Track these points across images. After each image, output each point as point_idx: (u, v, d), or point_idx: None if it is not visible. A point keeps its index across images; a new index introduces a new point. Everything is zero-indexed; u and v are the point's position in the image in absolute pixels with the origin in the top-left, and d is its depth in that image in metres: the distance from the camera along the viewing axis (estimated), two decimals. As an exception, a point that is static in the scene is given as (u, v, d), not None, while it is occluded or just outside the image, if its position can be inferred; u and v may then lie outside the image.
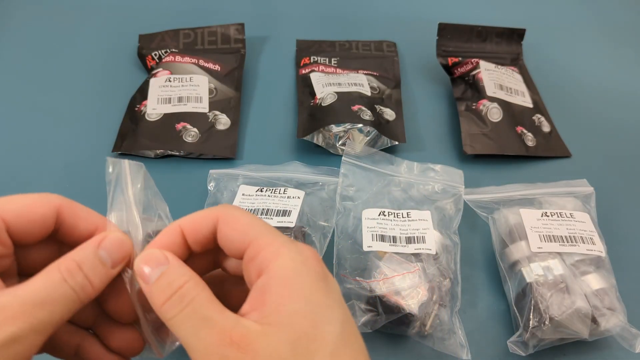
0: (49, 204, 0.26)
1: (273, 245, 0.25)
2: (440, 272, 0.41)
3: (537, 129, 0.58)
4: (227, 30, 0.65)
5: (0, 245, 0.25)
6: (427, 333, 0.39)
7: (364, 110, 0.54)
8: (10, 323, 0.22)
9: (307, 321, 0.23)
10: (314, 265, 0.25)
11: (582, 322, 0.38)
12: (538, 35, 0.70)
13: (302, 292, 0.24)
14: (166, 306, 0.24)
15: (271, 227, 0.26)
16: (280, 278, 0.24)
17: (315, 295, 0.24)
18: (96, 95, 0.59)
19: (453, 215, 0.46)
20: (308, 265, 0.24)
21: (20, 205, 0.25)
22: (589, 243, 0.43)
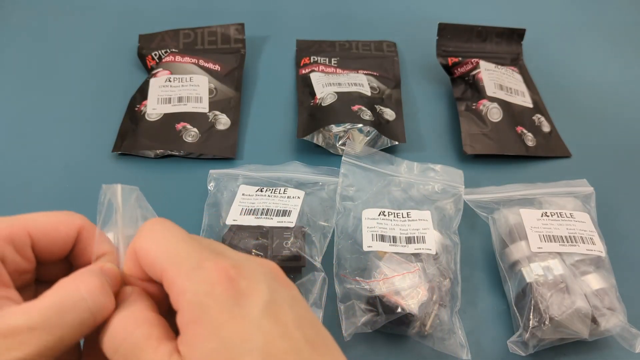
0: (73, 224, 0.25)
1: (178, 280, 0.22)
2: (440, 272, 0.41)
3: (537, 129, 0.58)
4: (227, 30, 0.65)
5: (25, 261, 0.24)
6: (427, 333, 0.39)
7: (364, 110, 0.54)
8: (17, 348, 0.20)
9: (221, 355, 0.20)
10: (221, 290, 0.21)
11: (582, 322, 0.38)
12: (538, 35, 0.70)
13: (211, 329, 0.21)
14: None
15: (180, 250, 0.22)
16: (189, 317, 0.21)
17: (226, 328, 0.21)
18: (96, 95, 0.59)
19: (453, 215, 0.46)
20: (214, 292, 0.21)
21: (46, 222, 0.24)
22: (589, 243, 0.43)
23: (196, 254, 0.22)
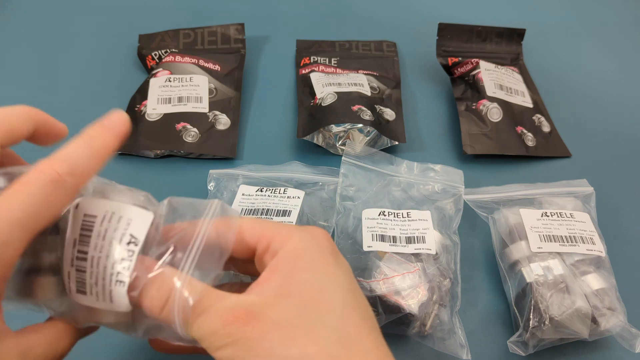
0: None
1: (282, 233, 0.27)
2: (440, 272, 0.41)
3: (537, 129, 0.58)
4: (227, 30, 0.65)
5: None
6: (427, 333, 0.39)
7: (364, 110, 0.54)
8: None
9: (314, 288, 0.25)
10: (322, 241, 0.27)
11: (582, 322, 0.38)
12: (538, 35, 0.70)
13: (309, 264, 0.25)
14: (164, 314, 0.24)
15: (275, 222, 0.28)
16: (289, 255, 0.26)
17: (322, 265, 0.26)
18: (96, 95, 0.59)
19: (453, 215, 0.46)
20: (316, 241, 0.26)
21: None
22: (589, 243, 0.43)
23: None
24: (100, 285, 0.25)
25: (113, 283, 0.25)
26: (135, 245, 0.25)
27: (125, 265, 0.25)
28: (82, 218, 0.26)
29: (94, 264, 0.25)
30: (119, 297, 0.25)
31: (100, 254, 0.25)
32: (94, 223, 0.26)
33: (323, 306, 0.24)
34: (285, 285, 0.25)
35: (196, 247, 0.26)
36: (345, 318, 0.24)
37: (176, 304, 0.24)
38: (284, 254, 0.26)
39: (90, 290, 0.25)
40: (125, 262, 0.25)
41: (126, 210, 0.26)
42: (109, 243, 0.25)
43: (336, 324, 0.24)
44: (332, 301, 0.25)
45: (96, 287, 0.25)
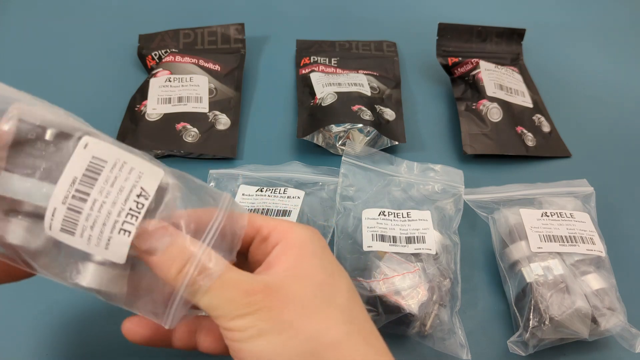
0: None
1: (283, 225, 0.29)
2: (440, 272, 0.41)
3: (537, 129, 0.58)
4: (227, 30, 0.65)
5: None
6: (427, 333, 0.39)
7: (364, 110, 0.54)
8: None
9: (325, 272, 0.27)
10: (321, 237, 0.29)
11: (582, 322, 0.38)
12: (538, 35, 0.70)
13: (317, 252, 0.28)
14: (182, 277, 0.25)
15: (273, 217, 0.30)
16: (295, 244, 0.28)
17: (327, 255, 0.28)
18: (96, 95, 0.59)
19: (453, 215, 0.46)
20: (317, 236, 0.29)
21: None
22: (589, 243, 0.43)
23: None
24: (98, 230, 0.25)
25: (116, 231, 0.25)
26: (145, 199, 0.25)
27: (133, 216, 0.25)
28: (89, 159, 0.25)
29: (95, 207, 0.24)
30: (118, 246, 0.25)
31: (105, 199, 0.25)
32: (103, 168, 0.25)
33: (333, 288, 0.27)
34: (296, 268, 0.27)
35: (214, 229, 0.26)
36: (351, 300, 0.27)
37: (196, 269, 0.25)
38: (289, 243, 0.28)
39: (81, 233, 0.25)
40: (134, 214, 0.25)
41: (138, 163, 0.26)
42: (118, 191, 0.25)
43: (345, 305, 0.27)
44: (340, 285, 0.27)
45: (91, 230, 0.25)
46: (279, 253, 0.28)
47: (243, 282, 0.25)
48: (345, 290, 0.27)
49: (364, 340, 0.26)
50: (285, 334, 0.25)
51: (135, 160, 0.26)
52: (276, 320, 0.25)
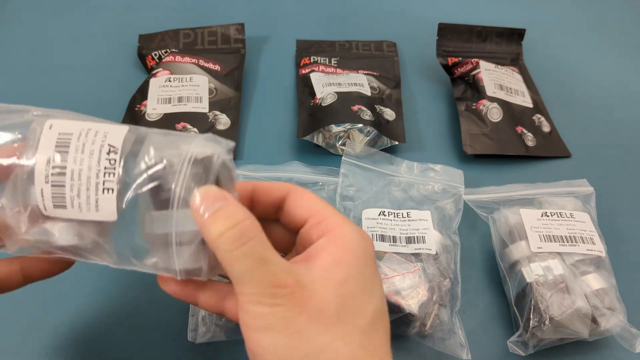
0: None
1: (337, 218, 0.28)
2: (440, 272, 0.41)
3: (537, 129, 0.58)
4: (227, 30, 0.65)
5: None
6: (427, 333, 0.39)
7: (364, 110, 0.54)
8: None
9: (358, 287, 0.26)
10: (370, 244, 0.28)
11: (582, 322, 0.38)
12: (538, 35, 0.70)
13: (358, 262, 0.26)
14: (224, 238, 0.24)
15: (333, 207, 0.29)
16: (342, 242, 0.27)
17: (368, 267, 0.27)
18: (96, 95, 0.59)
19: (453, 215, 0.46)
20: (367, 242, 0.28)
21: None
22: (589, 243, 0.43)
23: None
24: (84, 196, 0.26)
25: (100, 192, 0.26)
26: (115, 154, 0.26)
27: (110, 174, 0.26)
28: (56, 136, 0.26)
29: (75, 176, 0.26)
30: (106, 205, 0.26)
31: (81, 166, 0.26)
32: (70, 139, 0.26)
33: (360, 307, 0.25)
34: (333, 270, 0.26)
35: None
36: (374, 325, 0.26)
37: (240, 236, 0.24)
38: (336, 240, 0.27)
39: (72, 203, 0.26)
40: (109, 171, 0.26)
41: (101, 127, 0.27)
42: (89, 155, 0.26)
43: (366, 327, 0.25)
44: (368, 305, 0.26)
45: (78, 198, 0.26)
46: (322, 247, 0.27)
47: (276, 271, 0.25)
48: (370, 311, 0.26)
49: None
50: (292, 339, 0.24)
51: (98, 125, 0.27)
52: (289, 322, 0.24)
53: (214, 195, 0.25)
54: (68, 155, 0.26)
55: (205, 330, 0.39)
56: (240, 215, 0.25)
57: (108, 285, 0.43)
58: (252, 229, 0.25)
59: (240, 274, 0.25)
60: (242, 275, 0.25)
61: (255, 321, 0.25)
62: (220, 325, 0.39)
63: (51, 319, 0.41)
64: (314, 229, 0.28)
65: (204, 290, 0.30)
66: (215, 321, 0.39)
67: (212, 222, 0.25)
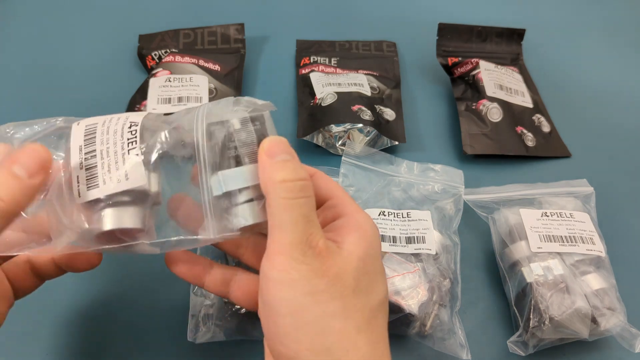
0: None
1: (354, 205, 0.30)
2: (440, 272, 0.41)
3: (537, 129, 0.58)
4: (227, 30, 0.65)
5: None
6: (427, 333, 0.39)
7: (364, 110, 0.54)
8: None
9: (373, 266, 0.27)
10: (378, 234, 0.29)
11: (582, 322, 0.38)
12: (538, 35, 0.70)
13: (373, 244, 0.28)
14: (287, 185, 0.26)
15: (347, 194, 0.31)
16: (360, 225, 0.28)
17: (379, 253, 0.28)
18: (96, 95, 0.59)
19: (453, 215, 0.46)
20: (377, 231, 0.29)
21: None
22: (589, 243, 0.43)
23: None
24: (115, 170, 0.28)
25: (128, 161, 0.27)
26: (135, 126, 0.28)
27: (132, 142, 0.28)
28: (84, 128, 0.28)
29: (104, 155, 0.28)
30: (135, 172, 0.27)
31: (108, 145, 0.28)
32: (96, 127, 0.28)
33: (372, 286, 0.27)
34: (356, 245, 0.27)
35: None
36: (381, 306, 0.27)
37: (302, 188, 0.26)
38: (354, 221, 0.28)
39: (104, 180, 0.27)
40: (132, 139, 0.28)
41: (123, 114, 0.29)
42: (114, 133, 0.28)
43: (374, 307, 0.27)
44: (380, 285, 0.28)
45: (109, 174, 0.27)
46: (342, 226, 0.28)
47: (315, 232, 0.26)
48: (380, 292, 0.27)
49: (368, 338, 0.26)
50: (308, 299, 0.25)
51: (119, 114, 0.30)
52: (309, 282, 0.25)
53: (285, 146, 0.27)
54: (96, 139, 0.28)
55: (205, 330, 0.39)
56: (304, 173, 0.27)
57: (108, 285, 0.43)
58: (310, 190, 0.27)
59: (286, 223, 0.26)
60: (287, 224, 0.26)
61: (279, 274, 0.25)
62: (220, 325, 0.39)
63: (51, 319, 0.41)
64: (330, 210, 0.30)
65: (210, 272, 0.31)
66: (215, 321, 0.39)
67: (280, 169, 0.26)
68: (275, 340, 0.26)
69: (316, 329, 0.25)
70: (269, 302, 0.26)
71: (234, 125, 0.28)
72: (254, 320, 0.40)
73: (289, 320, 0.25)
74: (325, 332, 0.25)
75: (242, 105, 0.29)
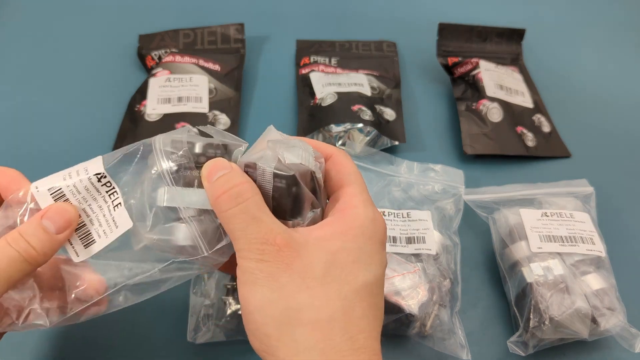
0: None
1: (357, 198, 0.29)
2: (440, 272, 0.41)
3: (537, 129, 0.58)
4: (227, 30, 0.65)
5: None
6: (427, 333, 0.39)
7: (364, 110, 0.54)
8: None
9: (350, 257, 0.27)
10: (381, 227, 0.29)
11: (582, 322, 0.38)
12: (538, 35, 0.70)
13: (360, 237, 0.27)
14: (221, 199, 0.27)
15: (363, 182, 0.30)
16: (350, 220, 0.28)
17: (371, 245, 0.28)
18: (96, 95, 0.59)
19: (453, 215, 0.46)
20: (376, 224, 0.28)
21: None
22: (589, 243, 0.43)
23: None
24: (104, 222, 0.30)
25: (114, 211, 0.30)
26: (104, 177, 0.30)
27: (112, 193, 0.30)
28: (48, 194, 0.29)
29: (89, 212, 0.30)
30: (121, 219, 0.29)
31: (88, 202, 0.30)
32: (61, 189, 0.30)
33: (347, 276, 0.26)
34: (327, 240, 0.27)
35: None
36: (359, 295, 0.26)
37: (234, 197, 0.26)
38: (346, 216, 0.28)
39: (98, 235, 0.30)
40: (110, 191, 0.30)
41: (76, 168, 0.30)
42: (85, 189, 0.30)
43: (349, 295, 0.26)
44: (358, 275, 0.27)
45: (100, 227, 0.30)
46: (327, 222, 0.28)
47: (267, 229, 0.26)
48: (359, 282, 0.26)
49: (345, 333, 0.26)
50: (275, 294, 0.25)
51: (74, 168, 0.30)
52: (274, 277, 0.26)
53: (219, 164, 0.28)
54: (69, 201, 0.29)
55: (205, 330, 0.39)
56: (238, 179, 0.27)
57: (108, 285, 0.43)
58: (249, 191, 0.27)
59: (235, 231, 0.26)
60: (236, 232, 0.26)
61: (244, 276, 0.26)
62: (220, 326, 0.39)
63: (51, 319, 0.41)
64: (333, 201, 0.30)
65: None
66: (215, 321, 0.39)
67: (214, 187, 0.27)
68: (251, 338, 0.27)
69: (284, 321, 0.25)
70: (242, 303, 0.27)
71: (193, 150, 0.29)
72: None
73: (257, 316, 0.26)
74: (292, 323, 0.25)
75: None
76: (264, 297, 0.26)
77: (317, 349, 0.25)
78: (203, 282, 0.42)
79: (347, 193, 0.29)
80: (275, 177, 0.28)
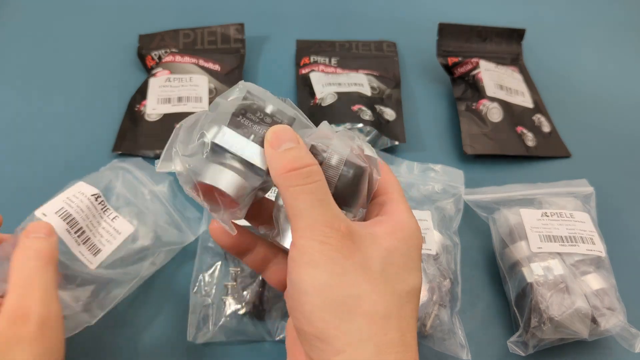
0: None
1: (401, 205, 0.30)
2: (440, 272, 0.41)
3: (537, 129, 0.58)
4: (227, 30, 0.65)
5: None
6: (427, 333, 0.39)
7: (364, 110, 0.54)
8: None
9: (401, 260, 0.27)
10: (419, 235, 0.29)
11: (582, 322, 0.38)
12: (538, 35, 0.70)
13: (407, 242, 0.28)
14: (291, 175, 0.26)
15: (403, 193, 0.31)
16: (398, 223, 0.28)
17: (414, 251, 0.28)
18: (96, 95, 0.59)
19: (453, 215, 0.46)
20: (418, 232, 0.29)
21: None
22: (589, 243, 0.43)
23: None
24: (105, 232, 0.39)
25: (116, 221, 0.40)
26: (99, 196, 0.40)
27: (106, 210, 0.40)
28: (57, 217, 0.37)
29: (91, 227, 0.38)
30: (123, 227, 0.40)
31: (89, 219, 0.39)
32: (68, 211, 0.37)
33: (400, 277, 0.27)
34: (384, 238, 0.27)
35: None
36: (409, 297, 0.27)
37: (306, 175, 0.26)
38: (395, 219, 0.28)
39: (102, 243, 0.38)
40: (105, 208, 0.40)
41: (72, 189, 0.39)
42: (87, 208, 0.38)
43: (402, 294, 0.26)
44: (408, 279, 0.27)
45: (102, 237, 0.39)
46: (380, 221, 0.28)
47: (332, 214, 0.26)
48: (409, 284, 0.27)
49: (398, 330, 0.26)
50: (335, 279, 0.25)
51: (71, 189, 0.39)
52: (335, 263, 0.25)
53: (288, 134, 0.27)
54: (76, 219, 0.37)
55: (205, 330, 0.39)
56: (309, 159, 0.27)
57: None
58: (319, 174, 0.27)
59: (301, 210, 0.26)
60: (302, 210, 0.26)
61: (303, 256, 0.26)
62: (220, 326, 0.39)
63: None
64: (377, 206, 0.30)
65: (255, 248, 0.32)
66: (215, 321, 0.39)
67: (283, 158, 0.26)
68: (302, 320, 0.26)
69: (343, 308, 0.25)
70: (296, 282, 0.26)
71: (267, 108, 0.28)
72: (254, 321, 0.40)
73: (315, 299, 0.25)
74: (352, 312, 0.25)
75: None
76: (324, 280, 0.25)
77: (373, 342, 0.25)
78: (203, 282, 0.42)
79: (393, 200, 0.30)
80: (345, 164, 0.27)
